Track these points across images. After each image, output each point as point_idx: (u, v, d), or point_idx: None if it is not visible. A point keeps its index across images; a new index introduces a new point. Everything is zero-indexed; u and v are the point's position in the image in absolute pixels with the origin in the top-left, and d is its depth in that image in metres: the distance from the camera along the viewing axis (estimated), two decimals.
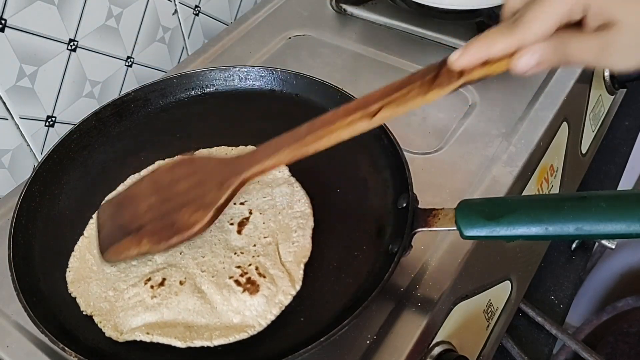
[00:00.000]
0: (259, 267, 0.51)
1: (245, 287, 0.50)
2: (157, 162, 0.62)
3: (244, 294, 0.49)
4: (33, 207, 0.57)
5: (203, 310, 0.49)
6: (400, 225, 0.52)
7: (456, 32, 0.83)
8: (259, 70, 0.69)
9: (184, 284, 0.51)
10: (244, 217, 0.55)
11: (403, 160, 0.56)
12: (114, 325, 0.50)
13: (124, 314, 0.50)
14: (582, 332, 1.20)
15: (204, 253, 0.53)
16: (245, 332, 0.48)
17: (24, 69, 0.67)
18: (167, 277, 0.51)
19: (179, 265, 0.52)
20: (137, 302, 0.50)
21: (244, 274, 0.51)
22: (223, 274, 0.51)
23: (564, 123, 0.75)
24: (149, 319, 0.49)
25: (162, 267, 0.53)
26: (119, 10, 0.75)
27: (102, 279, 0.53)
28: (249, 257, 0.52)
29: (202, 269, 0.52)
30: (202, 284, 0.51)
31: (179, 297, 0.50)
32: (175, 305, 0.50)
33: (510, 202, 0.48)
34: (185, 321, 0.49)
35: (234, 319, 0.49)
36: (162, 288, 0.51)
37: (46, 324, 0.47)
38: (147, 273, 0.52)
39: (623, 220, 0.43)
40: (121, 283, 0.52)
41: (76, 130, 0.63)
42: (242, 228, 0.54)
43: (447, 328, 0.56)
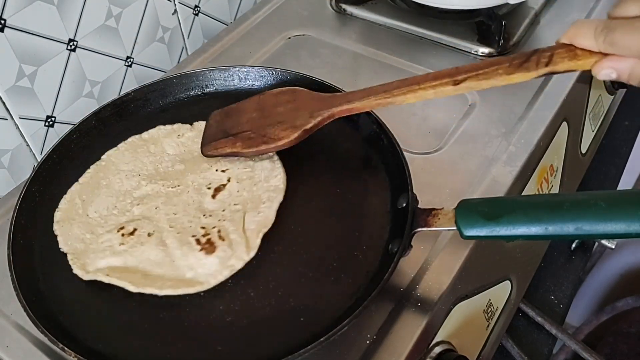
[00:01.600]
0: (222, 231, 0.54)
1: (204, 246, 0.53)
2: None
3: (200, 252, 0.52)
4: (33, 207, 0.57)
5: (162, 262, 0.53)
6: (400, 225, 0.52)
7: (456, 32, 0.83)
8: (259, 70, 0.69)
9: (151, 236, 0.54)
10: (221, 184, 0.58)
11: (403, 160, 0.56)
12: (82, 265, 0.53)
13: (94, 256, 0.54)
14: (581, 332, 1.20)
15: (176, 210, 0.56)
16: (193, 288, 0.51)
17: (24, 69, 0.67)
18: (138, 228, 0.55)
19: (152, 219, 0.56)
20: (107, 246, 0.54)
21: (206, 235, 0.54)
22: (188, 231, 0.54)
23: (564, 123, 0.75)
24: (114, 262, 0.53)
25: (137, 218, 0.56)
26: (119, 10, 0.75)
27: (84, 222, 0.57)
28: (215, 220, 0.55)
29: (171, 224, 0.55)
30: (167, 238, 0.54)
31: (144, 247, 0.53)
32: (139, 253, 0.53)
33: (510, 202, 0.48)
34: (144, 269, 0.52)
35: (187, 274, 0.52)
36: (131, 237, 0.54)
37: (45, 323, 0.47)
38: (122, 222, 0.56)
39: (623, 220, 0.43)
40: (99, 228, 0.56)
41: (76, 130, 0.63)
42: (217, 193, 0.57)
43: (447, 328, 0.56)
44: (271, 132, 0.58)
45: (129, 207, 0.57)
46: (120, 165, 0.61)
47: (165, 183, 0.59)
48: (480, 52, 0.80)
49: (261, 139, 0.58)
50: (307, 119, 0.57)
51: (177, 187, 0.58)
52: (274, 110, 0.60)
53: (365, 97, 0.55)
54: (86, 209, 0.58)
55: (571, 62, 0.45)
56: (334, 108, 0.56)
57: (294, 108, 0.59)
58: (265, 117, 0.60)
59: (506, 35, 0.81)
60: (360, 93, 0.56)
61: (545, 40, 0.83)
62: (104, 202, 0.58)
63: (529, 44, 0.82)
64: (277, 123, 0.58)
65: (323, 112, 0.57)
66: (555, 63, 0.46)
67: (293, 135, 0.57)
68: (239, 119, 0.61)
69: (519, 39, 0.82)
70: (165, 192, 0.58)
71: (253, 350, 0.48)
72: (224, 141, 0.60)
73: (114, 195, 0.58)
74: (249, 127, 0.60)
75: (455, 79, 0.50)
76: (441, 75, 0.51)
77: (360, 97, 0.55)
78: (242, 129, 0.60)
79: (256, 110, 0.61)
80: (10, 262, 0.51)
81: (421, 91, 0.51)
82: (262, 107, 0.61)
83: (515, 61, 0.47)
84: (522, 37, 0.83)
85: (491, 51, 0.80)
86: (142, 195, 0.58)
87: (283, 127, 0.58)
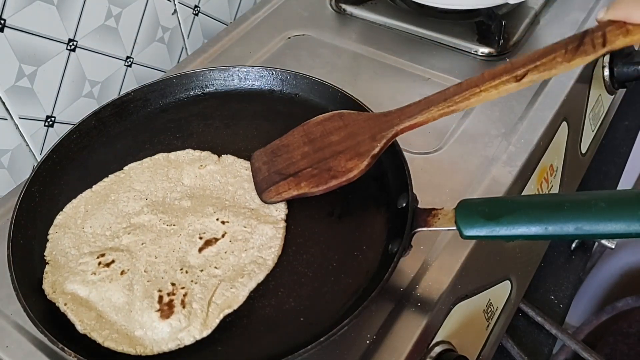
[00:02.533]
0: (188, 295, 0.50)
1: (162, 307, 0.49)
2: None
3: (156, 313, 0.49)
4: (32, 207, 0.57)
5: (121, 308, 0.50)
6: (400, 225, 0.52)
7: (456, 32, 0.83)
8: (259, 70, 0.69)
9: (124, 275, 0.52)
10: (214, 237, 0.55)
11: (402, 160, 0.56)
12: (53, 282, 0.52)
13: (67, 275, 0.52)
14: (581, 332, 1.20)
15: (159, 254, 0.53)
16: (134, 349, 0.48)
17: (23, 69, 0.67)
18: (116, 261, 0.53)
19: (134, 255, 0.53)
20: (81, 271, 0.52)
21: (171, 294, 0.50)
22: (157, 283, 0.51)
23: (564, 123, 0.75)
24: (79, 291, 0.51)
25: (121, 249, 0.54)
26: (119, 10, 0.75)
27: (77, 235, 0.56)
28: (189, 279, 0.52)
29: (146, 268, 0.52)
30: (136, 283, 0.51)
31: (112, 285, 0.51)
32: (104, 291, 0.51)
33: (509, 202, 0.48)
34: (102, 310, 0.50)
35: (137, 331, 0.49)
36: (105, 269, 0.52)
37: (45, 324, 0.47)
38: (107, 248, 0.54)
39: (623, 220, 0.43)
40: (85, 246, 0.55)
41: (75, 131, 0.63)
42: (205, 247, 0.54)
43: (446, 328, 0.56)
44: (336, 164, 0.54)
45: (120, 234, 0.55)
46: (135, 184, 0.60)
47: (164, 218, 0.56)
48: (480, 52, 0.80)
49: (327, 174, 0.54)
50: (370, 144, 0.53)
51: (172, 226, 0.55)
52: (327, 140, 0.56)
53: (426, 109, 0.52)
54: (85, 221, 0.57)
55: (626, 38, 0.45)
56: (396, 127, 0.53)
57: (350, 134, 0.55)
58: (321, 149, 0.56)
59: (506, 35, 0.81)
60: (417, 106, 0.53)
61: (545, 40, 0.83)
62: (103, 219, 0.57)
63: (529, 43, 0.82)
64: (338, 154, 0.55)
65: (386, 133, 0.53)
66: (611, 42, 0.45)
67: (362, 164, 0.53)
68: (290, 156, 0.57)
69: (518, 39, 0.82)
70: (159, 229, 0.55)
71: (253, 350, 0.48)
72: (285, 183, 0.56)
73: (114, 215, 0.57)
74: (307, 164, 0.56)
75: (515, 75, 0.48)
76: (499, 73, 0.49)
77: (420, 110, 0.52)
78: (300, 167, 0.56)
79: (306, 144, 0.57)
80: (10, 262, 0.51)
81: (484, 93, 0.50)
82: (312, 139, 0.57)
83: (570, 46, 0.47)
84: (522, 37, 0.83)
85: (491, 51, 0.80)
86: (138, 224, 0.56)
87: (347, 157, 0.54)
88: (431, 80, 0.77)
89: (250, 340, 0.49)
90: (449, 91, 0.51)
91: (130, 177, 0.61)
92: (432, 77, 0.77)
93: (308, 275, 0.53)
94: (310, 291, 0.51)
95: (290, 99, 0.68)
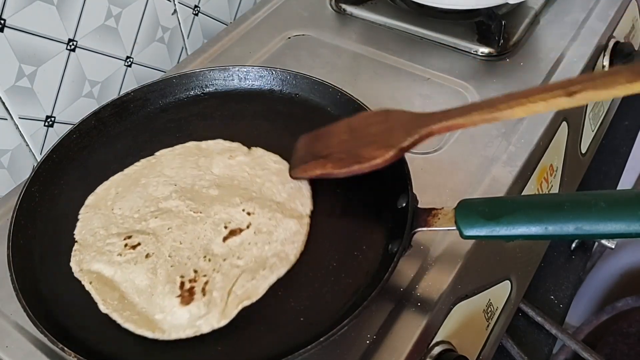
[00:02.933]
0: (209, 283, 0.51)
1: (184, 293, 0.50)
2: None
3: (176, 299, 0.50)
4: (32, 207, 0.57)
5: (143, 291, 0.51)
6: (400, 225, 0.52)
7: (456, 32, 0.83)
8: (259, 70, 0.69)
9: (148, 258, 0.53)
10: (239, 227, 0.55)
11: (403, 160, 0.56)
12: (80, 260, 0.54)
13: (94, 254, 0.54)
14: (581, 332, 1.20)
15: (184, 240, 0.54)
16: (153, 332, 0.48)
17: (23, 69, 0.67)
18: (142, 244, 0.54)
19: (159, 239, 0.54)
20: (108, 251, 0.54)
21: (192, 280, 0.51)
22: (180, 269, 0.52)
23: (564, 123, 0.75)
24: (104, 271, 0.52)
25: (147, 232, 0.55)
26: (118, 10, 0.75)
27: (106, 216, 0.57)
28: (212, 267, 0.52)
29: (171, 253, 0.53)
30: (160, 267, 0.52)
31: (136, 267, 0.52)
32: (128, 273, 0.52)
33: (509, 202, 0.48)
34: (125, 291, 0.51)
35: (157, 315, 0.49)
36: (131, 251, 0.53)
37: (45, 324, 0.47)
38: (134, 230, 0.55)
39: (623, 220, 0.43)
40: (113, 227, 0.56)
41: (75, 131, 0.63)
42: (230, 237, 0.54)
43: (446, 328, 0.56)
44: (364, 152, 0.55)
45: (147, 217, 0.56)
46: (165, 169, 0.61)
47: (191, 205, 0.57)
48: (480, 52, 0.80)
49: (353, 159, 0.55)
50: (403, 137, 0.53)
51: (198, 214, 0.56)
52: (366, 130, 0.57)
53: (467, 113, 0.51)
54: (115, 202, 0.58)
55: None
56: (433, 125, 0.52)
57: (388, 128, 0.55)
58: (358, 138, 0.57)
59: (506, 35, 0.81)
60: (460, 110, 0.52)
61: (545, 40, 0.83)
62: (132, 202, 0.58)
63: (529, 43, 0.82)
64: (371, 143, 0.55)
65: (421, 130, 0.53)
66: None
67: (388, 153, 0.53)
68: (328, 142, 0.58)
69: (518, 39, 0.82)
70: (185, 215, 0.56)
71: (253, 350, 0.48)
72: (314, 163, 0.57)
73: (143, 198, 0.58)
74: (339, 149, 0.57)
75: (569, 91, 0.45)
76: (550, 88, 0.46)
77: (461, 113, 0.51)
78: (332, 151, 0.57)
79: (347, 132, 0.58)
80: (10, 262, 0.51)
81: (532, 104, 0.47)
82: (354, 129, 0.58)
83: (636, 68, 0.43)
84: (522, 37, 0.83)
85: (491, 51, 0.80)
86: (165, 209, 0.57)
87: (377, 147, 0.54)
88: (431, 80, 0.77)
89: (250, 340, 0.49)
90: (495, 99, 0.49)
91: (162, 163, 0.62)
92: (432, 77, 0.77)
93: (308, 275, 0.53)
94: (310, 291, 0.51)
95: (290, 99, 0.68)
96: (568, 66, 0.78)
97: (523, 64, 0.79)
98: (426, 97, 0.74)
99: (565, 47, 0.81)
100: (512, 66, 0.78)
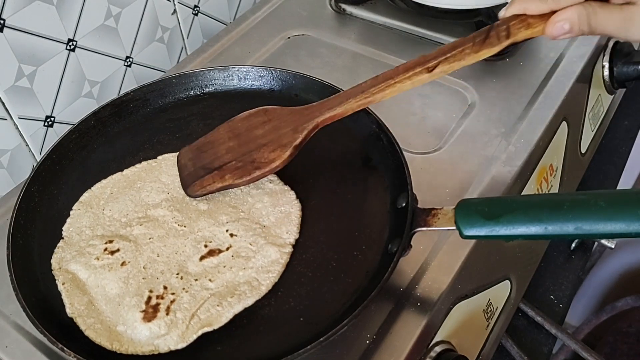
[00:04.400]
0: (175, 302, 0.50)
1: (147, 309, 0.49)
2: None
3: (139, 314, 0.49)
4: (32, 207, 0.57)
5: (111, 299, 0.50)
6: (400, 225, 0.52)
7: (455, 31, 0.83)
8: (258, 70, 0.69)
9: (124, 267, 0.52)
10: (218, 248, 0.54)
11: (402, 159, 0.56)
12: (61, 258, 0.54)
13: (74, 254, 0.54)
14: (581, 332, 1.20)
15: (162, 252, 0.54)
16: (111, 344, 0.48)
17: (23, 69, 0.67)
18: (121, 250, 0.54)
19: (139, 248, 0.54)
20: (87, 252, 0.54)
21: (160, 297, 0.50)
22: (151, 282, 0.51)
23: (564, 122, 0.75)
24: (80, 273, 0.52)
25: (129, 239, 0.55)
26: (118, 10, 0.75)
27: (96, 215, 0.57)
28: (181, 286, 0.51)
29: (146, 265, 0.53)
30: (132, 277, 0.52)
31: (109, 274, 0.52)
32: (101, 278, 0.52)
33: (509, 202, 0.47)
34: (94, 296, 0.51)
35: (119, 327, 0.49)
36: (109, 257, 0.53)
37: (45, 324, 0.47)
38: (117, 235, 0.55)
39: (622, 220, 0.43)
40: (100, 228, 0.56)
41: (75, 130, 0.63)
42: (207, 257, 0.53)
43: (446, 328, 0.56)
44: (259, 156, 0.56)
45: (133, 223, 0.56)
46: (162, 175, 0.60)
47: (177, 217, 0.56)
48: None
49: (251, 166, 0.56)
50: (293, 135, 0.55)
51: (182, 227, 0.55)
52: (252, 134, 0.57)
53: (345, 101, 0.54)
54: (107, 203, 0.58)
55: (527, 30, 0.48)
56: (317, 118, 0.55)
57: (274, 127, 0.57)
58: (246, 143, 0.57)
59: None
60: (337, 98, 0.55)
61: (544, 40, 0.83)
62: (123, 205, 0.58)
63: (529, 43, 0.82)
64: (262, 146, 0.56)
65: (307, 125, 0.55)
66: (514, 34, 0.49)
67: (284, 154, 0.55)
68: (216, 152, 0.58)
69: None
70: (169, 227, 0.55)
71: (253, 350, 0.48)
72: (210, 177, 0.57)
73: (134, 202, 0.58)
74: (231, 157, 0.57)
75: (427, 66, 0.51)
76: (412, 66, 0.52)
77: (339, 102, 0.55)
78: (224, 161, 0.57)
79: (231, 139, 0.58)
80: (9, 262, 0.51)
81: (399, 84, 0.52)
82: (237, 134, 0.58)
83: (477, 39, 0.50)
84: None
85: None
86: (152, 217, 0.56)
87: (270, 149, 0.56)
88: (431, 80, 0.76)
89: (250, 340, 0.49)
90: (366, 84, 0.54)
91: (160, 168, 0.61)
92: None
93: (308, 275, 0.53)
94: (310, 291, 0.51)
95: (290, 99, 0.68)
96: (568, 66, 0.78)
97: (523, 63, 0.79)
98: (426, 97, 0.74)
99: (565, 47, 0.81)
100: (511, 66, 0.78)
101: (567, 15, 0.47)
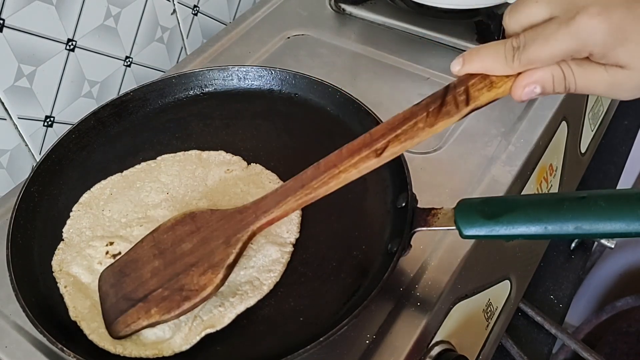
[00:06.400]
0: None
1: None
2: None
3: None
4: (32, 207, 0.57)
5: None
6: (400, 224, 0.52)
7: (455, 31, 0.83)
8: (258, 70, 0.69)
9: None
10: None
11: (402, 159, 0.56)
12: (62, 260, 0.54)
13: (75, 256, 0.54)
14: (581, 332, 1.20)
15: None
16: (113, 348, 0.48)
17: (22, 69, 0.66)
18: (122, 252, 0.53)
19: None
20: (89, 255, 0.54)
21: None
22: None
23: (563, 122, 0.75)
24: (82, 277, 0.53)
25: (130, 239, 0.54)
26: (118, 10, 0.75)
27: (96, 216, 0.57)
28: None
29: None
30: None
31: None
32: None
33: (509, 202, 0.47)
34: (97, 300, 0.51)
35: None
36: (111, 260, 0.53)
37: (45, 324, 0.47)
38: (117, 235, 0.55)
39: (622, 219, 0.43)
40: (100, 229, 0.56)
41: (75, 130, 0.63)
42: None
43: (446, 328, 0.56)
44: (188, 281, 0.47)
45: (133, 224, 0.56)
46: (162, 176, 0.60)
47: None
48: None
49: (180, 295, 0.47)
50: (225, 251, 0.47)
51: None
52: (179, 249, 0.49)
53: (283, 200, 0.47)
54: (107, 203, 0.58)
55: (490, 92, 0.41)
56: (252, 225, 0.47)
57: (203, 240, 0.49)
58: (172, 263, 0.49)
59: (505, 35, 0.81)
60: (274, 197, 0.47)
61: None
62: (123, 205, 0.58)
63: None
64: (191, 267, 0.48)
65: (241, 235, 0.47)
66: (475, 98, 0.41)
67: (216, 278, 0.47)
68: (140, 276, 0.49)
69: None
70: None
71: (253, 350, 0.48)
72: (134, 312, 0.48)
73: (134, 203, 0.58)
74: (157, 284, 0.48)
75: (375, 149, 0.44)
76: (357, 148, 0.44)
77: (277, 202, 0.47)
78: (149, 289, 0.48)
79: (156, 257, 0.50)
80: (9, 262, 0.51)
81: (343, 174, 0.45)
82: (162, 251, 0.50)
83: (432, 108, 0.42)
84: None
85: None
86: (152, 218, 0.56)
87: (200, 271, 0.47)
88: (431, 80, 0.77)
89: (250, 340, 0.49)
90: (307, 175, 0.46)
91: (160, 168, 0.61)
92: (432, 76, 0.77)
93: (308, 275, 0.53)
94: (310, 291, 0.51)
95: (290, 99, 0.68)
96: None
97: None
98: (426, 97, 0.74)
99: None
100: None
101: (538, 76, 0.39)
